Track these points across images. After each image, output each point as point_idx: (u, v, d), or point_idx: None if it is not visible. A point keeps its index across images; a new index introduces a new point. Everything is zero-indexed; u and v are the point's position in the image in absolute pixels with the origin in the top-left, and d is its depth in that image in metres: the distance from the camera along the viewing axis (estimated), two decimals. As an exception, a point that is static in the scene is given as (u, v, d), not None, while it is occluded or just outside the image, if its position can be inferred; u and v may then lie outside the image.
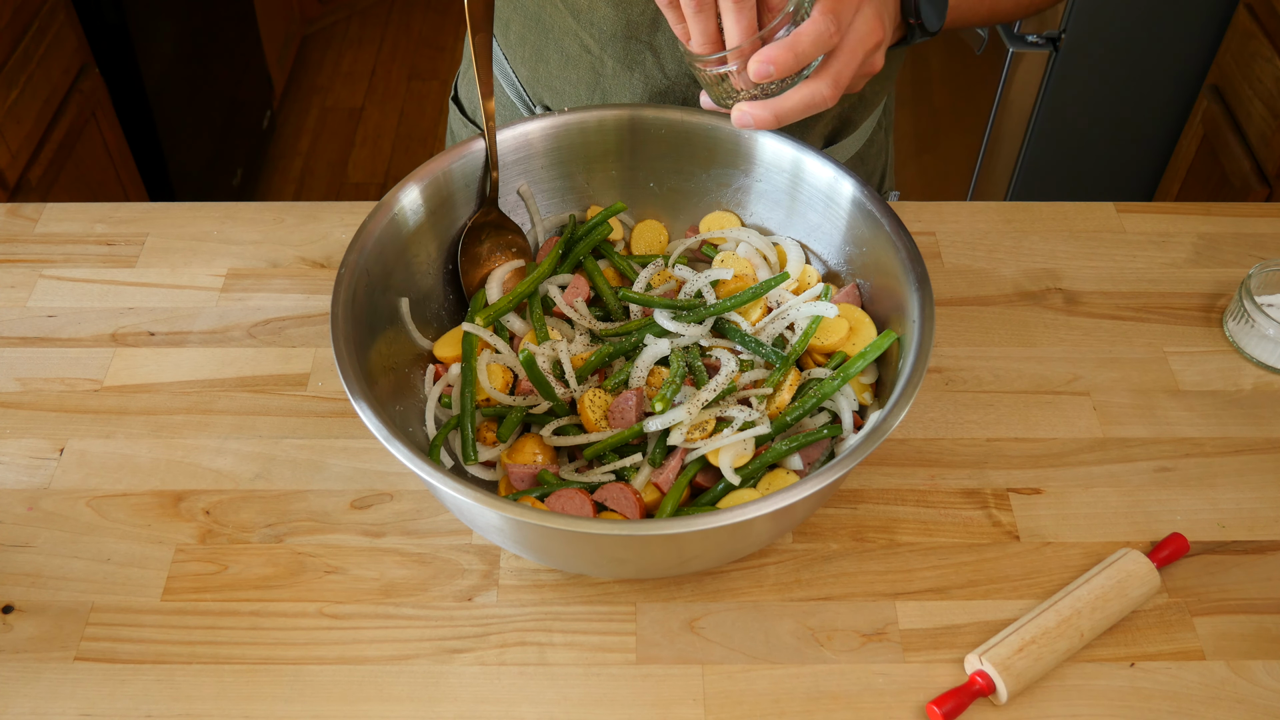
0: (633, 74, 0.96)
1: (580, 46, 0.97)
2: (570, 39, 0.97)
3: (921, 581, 0.81)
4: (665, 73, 0.96)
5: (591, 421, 0.80)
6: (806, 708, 0.75)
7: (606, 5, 0.93)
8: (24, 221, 1.07)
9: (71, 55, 1.89)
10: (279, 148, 2.91)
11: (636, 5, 0.92)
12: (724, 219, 0.93)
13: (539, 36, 0.99)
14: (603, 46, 0.96)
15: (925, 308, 0.77)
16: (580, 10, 0.94)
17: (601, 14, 0.93)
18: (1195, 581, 0.82)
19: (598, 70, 0.97)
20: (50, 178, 1.81)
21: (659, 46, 0.94)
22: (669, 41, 0.94)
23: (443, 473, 0.68)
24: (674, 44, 0.94)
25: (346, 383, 0.72)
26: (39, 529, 0.83)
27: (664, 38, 0.94)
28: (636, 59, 0.95)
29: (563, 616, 0.79)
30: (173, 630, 0.78)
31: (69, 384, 0.93)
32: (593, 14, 0.94)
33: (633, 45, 0.95)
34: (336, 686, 0.75)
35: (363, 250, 0.80)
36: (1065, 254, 1.06)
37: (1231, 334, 0.98)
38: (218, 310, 0.99)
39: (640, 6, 0.92)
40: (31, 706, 0.74)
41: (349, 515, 0.85)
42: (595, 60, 0.97)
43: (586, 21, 0.95)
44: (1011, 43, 2.05)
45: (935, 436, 0.91)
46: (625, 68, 0.96)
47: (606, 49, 0.96)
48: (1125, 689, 0.76)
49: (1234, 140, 1.93)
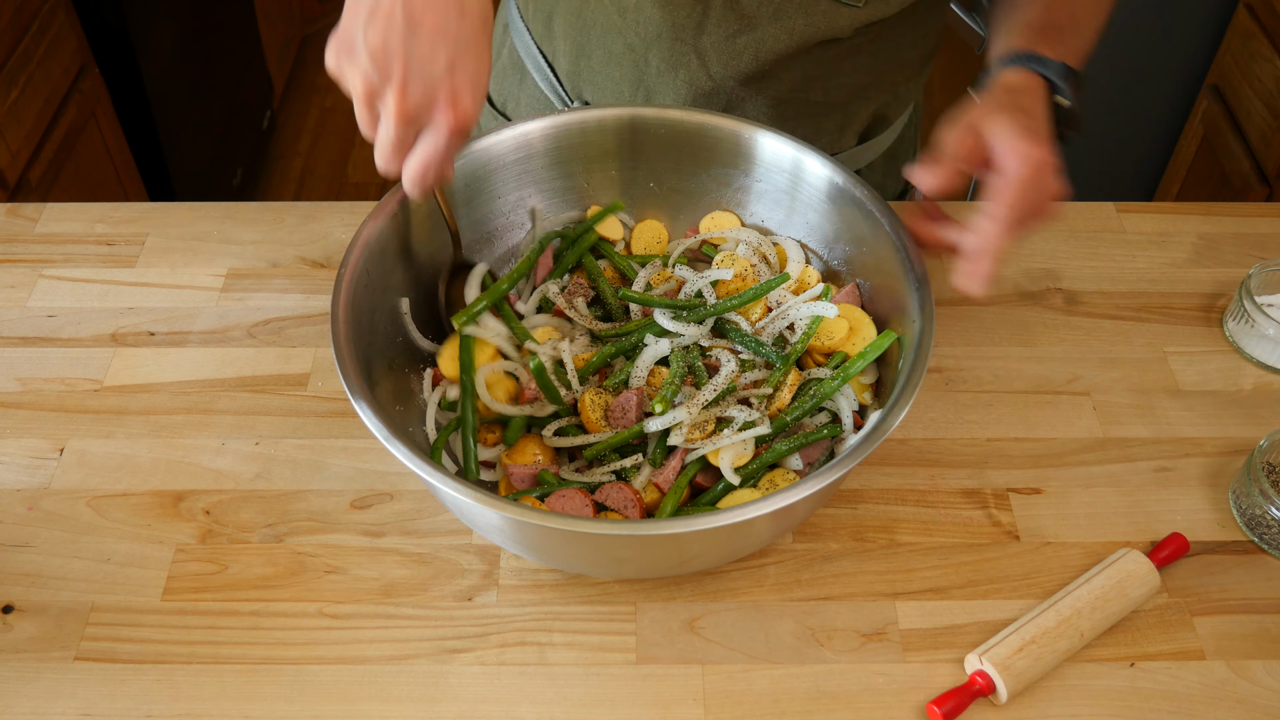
0: (677, 75, 0.97)
1: (625, 44, 0.96)
2: (614, 36, 0.97)
3: (921, 581, 0.81)
4: (710, 74, 0.96)
5: (592, 421, 0.80)
6: (806, 708, 0.75)
7: (652, 6, 0.93)
8: (24, 221, 1.07)
9: (71, 55, 1.89)
10: (279, 148, 2.91)
11: (683, 8, 0.92)
12: (724, 219, 0.93)
13: (581, 32, 0.99)
14: (648, 46, 0.96)
15: (925, 308, 0.77)
16: (626, 9, 0.94)
17: (647, 14, 0.93)
18: (1195, 581, 0.82)
19: (641, 69, 0.97)
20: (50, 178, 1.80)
21: (704, 49, 0.94)
22: (714, 44, 0.94)
23: (443, 473, 0.68)
24: (720, 47, 0.94)
25: (346, 383, 0.72)
26: (39, 529, 0.83)
27: (709, 40, 0.94)
28: (681, 60, 0.96)
29: (563, 616, 0.79)
30: (173, 630, 0.78)
31: (69, 384, 0.93)
32: (639, 13, 0.94)
33: (678, 46, 0.95)
34: (336, 686, 0.75)
35: (363, 250, 0.80)
36: (1065, 254, 1.06)
37: (1231, 334, 0.98)
38: (218, 310, 0.99)
39: (686, 9, 0.92)
40: (31, 706, 0.74)
41: (349, 515, 0.85)
42: (639, 59, 0.97)
43: (633, 20, 0.95)
44: (1011, 43, 2.04)
45: (935, 436, 0.91)
46: (670, 68, 0.96)
47: (651, 48, 0.96)
48: (1125, 689, 0.76)
49: (1234, 140, 1.93)
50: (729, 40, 0.93)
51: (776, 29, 0.92)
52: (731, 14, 0.92)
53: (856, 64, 0.97)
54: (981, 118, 0.77)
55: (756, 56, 0.94)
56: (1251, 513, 0.84)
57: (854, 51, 0.96)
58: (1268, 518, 0.82)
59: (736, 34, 0.93)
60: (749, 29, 0.92)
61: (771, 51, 0.93)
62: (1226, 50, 1.98)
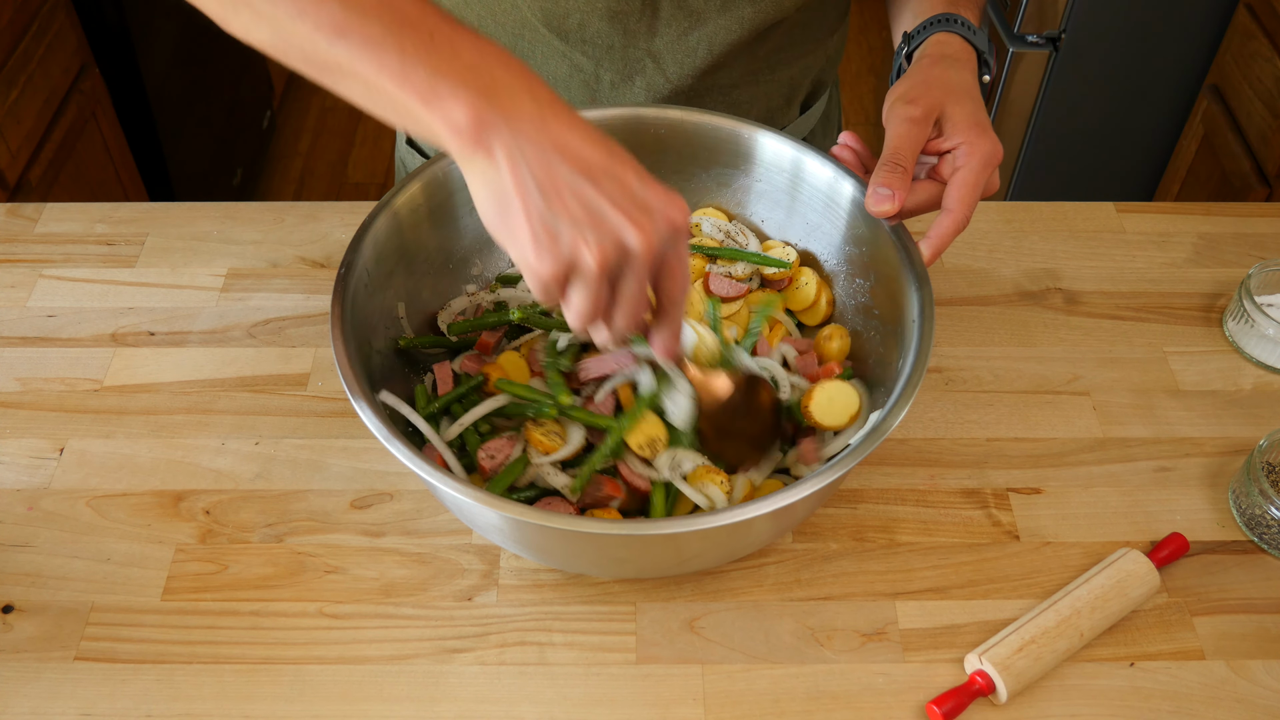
0: (633, 83, 0.96)
1: (570, 66, 0.96)
2: (557, 60, 0.95)
3: (921, 581, 0.81)
4: (667, 76, 0.95)
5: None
6: (806, 708, 0.75)
7: (600, 20, 0.92)
8: (24, 221, 1.07)
9: (71, 55, 1.89)
10: (279, 148, 2.91)
11: (632, 16, 0.92)
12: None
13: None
14: (598, 62, 0.95)
15: (925, 308, 0.77)
16: (569, 31, 0.93)
17: (595, 29, 0.93)
18: (1195, 581, 0.82)
19: (592, 86, 0.97)
20: (50, 178, 1.80)
21: (658, 52, 0.94)
22: (668, 45, 0.94)
23: (443, 473, 0.68)
24: (674, 46, 0.94)
25: (346, 383, 0.72)
26: (39, 529, 0.83)
27: (661, 42, 0.94)
28: (636, 67, 0.95)
29: (563, 616, 0.79)
30: (173, 630, 0.78)
31: (69, 384, 0.93)
32: (584, 31, 0.93)
33: (631, 54, 0.94)
34: (336, 686, 0.75)
35: (363, 250, 0.80)
36: (1065, 254, 1.06)
37: (1231, 334, 0.98)
38: (218, 310, 0.99)
39: (635, 16, 0.92)
40: (31, 706, 0.74)
41: (349, 515, 0.85)
42: (588, 77, 0.96)
43: (577, 40, 0.94)
44: (1011, 43, 2.05)
45: (935, 436, 0.91)
46: (624, 79, 0.96)
47: (602, 64, 0.95)
48: (1125, 689, 0.76)
49: (1234, 140, 1.93)
50: (681, 38, 0.93)
51: (726, 20, 0.92)
52: (680, 12, 0.92)
53: (796, 37, 0.99)
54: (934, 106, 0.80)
55: (710, 50, 0.94)
56: (1251, 513, 0.84)
57: (795, 26, 0.97)
58: (1268, 518, 0.82)
59: (688, 31, 0.93)
60: (699, 24, 0.93)
61: (724, 43, 0.94)
62: (1226, 50, 1.98)
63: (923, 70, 0.83)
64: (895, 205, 0.77)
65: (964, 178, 0.78)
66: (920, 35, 0.87)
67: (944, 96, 0.80)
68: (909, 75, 0.84)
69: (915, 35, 0.87)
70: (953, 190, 0.78)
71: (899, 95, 0.81)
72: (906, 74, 0.84)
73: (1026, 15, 2.01)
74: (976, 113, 0.80)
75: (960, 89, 0.81)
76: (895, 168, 0.78)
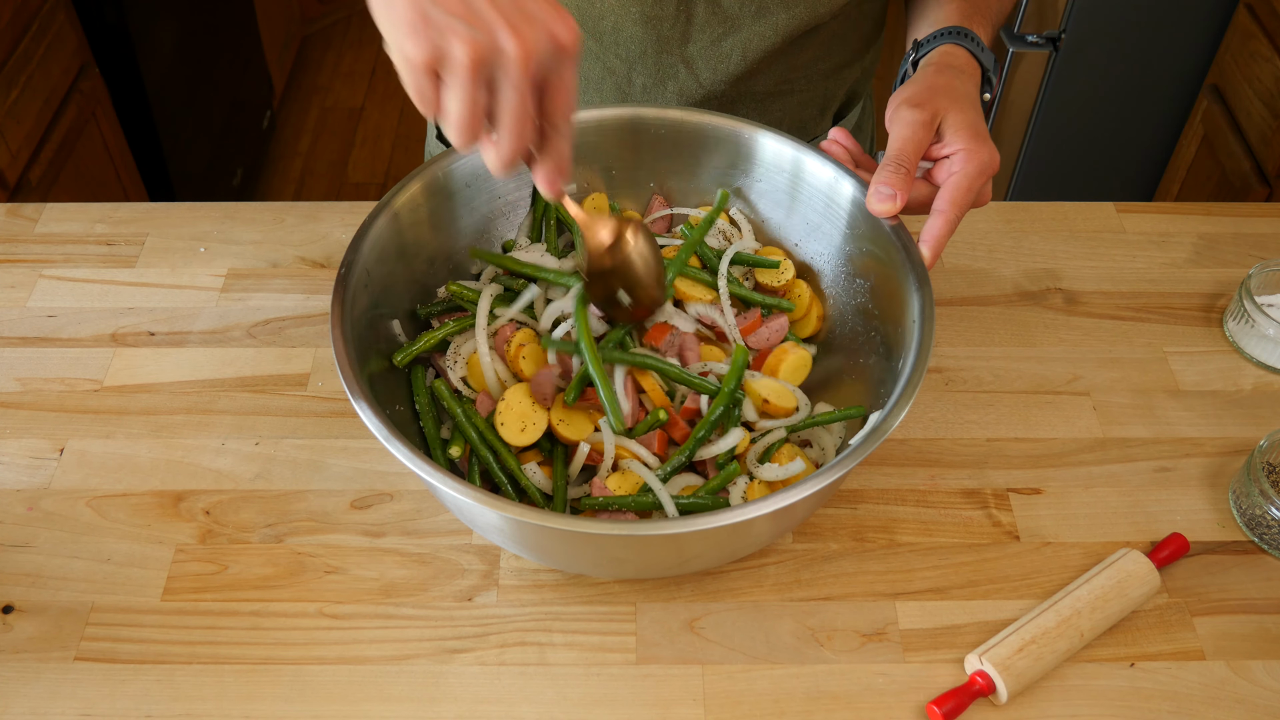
0: (665, 88, 0.97)
1: (603, 69, 0.97)
2: (590, 61, 0.97)
3: (921, 581, 0.81)
4: (700, 81, 0.96)
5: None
6: (806, 708, 0.75)
7: (635, 24, 0.93)
8: (24, 221, 1.07)
9: (71, 55, 1.89)
10: (279, 148, 2.91)
11: (666, 21, 0.92)
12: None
13: None
14: (630, 66, 0.96)
15: (925, 308, 0.77)
16: (604, 33, 0.94)
17: (629, 34, 0.93)
18: (1195, 581, 0.82)
19: (624, 89, 0.98)
20: (50, 178, 1.80)
21: (692, 58, 0.95)
22: (701, 51, 0.94)
23: (443, 473, 0.68)
24: (707, 53, 0.94)
25: (346, 383, 0.72)
26: (39, 529, 0.83)
27: (695, 48, 0.94)
28: (669, 72, 0.96)
29: (563, 616, 0.79)
30: (173, 630, 0.78)
31: (69, 384, 0.93)
32: (618, 34, 0.94)
33: (665, 60, 0.95)
34: (336, 686, 0.75)
35: (363, 250, 0.79)
36: (1065, 254, 1.06)
37: (1231, 334, 0.98)
38: (218, 310, 0.99)
39: (670, 22, 0.92)
40: (31, 706, 0.74)
41: (349, 515, 0.85)
42: (621, 80, 0.97)
43: (611, 43, 0.95)
44: (1011, 43, 2.05)
45: (935, 436, 0.91)
46: (657, 83, 0.97)
47: (635, 67, 0.96)
48: (1125, 689, 0.76)
49: (1234, 140, 1.93)
50: (715, 45, 0.94)
51: (761, 26, 0.93)
52: (714, 19, 0.92)
53: (831, 49, 0.99)
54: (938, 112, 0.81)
55: (744, 56, 0.95)
56: (1251, 513, 0.84)
57: (830, 37, 0.98)
58: (1268, 518, 0.82)
59: (722, 37, 0.94)
60: (734, 31, 0.93)
61: (758, 50, 0.94)
62: (1226, 50, 1.98)
63: (928, 77, 0.84)
64: (897, 205, 0.78)
65: (958, 182, 0.79)
66: (930, 44, 0.88)
67: (947, 103, 0.81)
68: (914, 81, 0.85)
69: (925, 44, 0.89)
70: (945, 193, 0.79)
71: (904, 99, 0.81)
72: (911, 79, 0.85)
73: (1026, 15, 2.01)
74: (977, 122, 0.81)
75: (963, 97, 0.82)
76: (898, 169, 0.78)
